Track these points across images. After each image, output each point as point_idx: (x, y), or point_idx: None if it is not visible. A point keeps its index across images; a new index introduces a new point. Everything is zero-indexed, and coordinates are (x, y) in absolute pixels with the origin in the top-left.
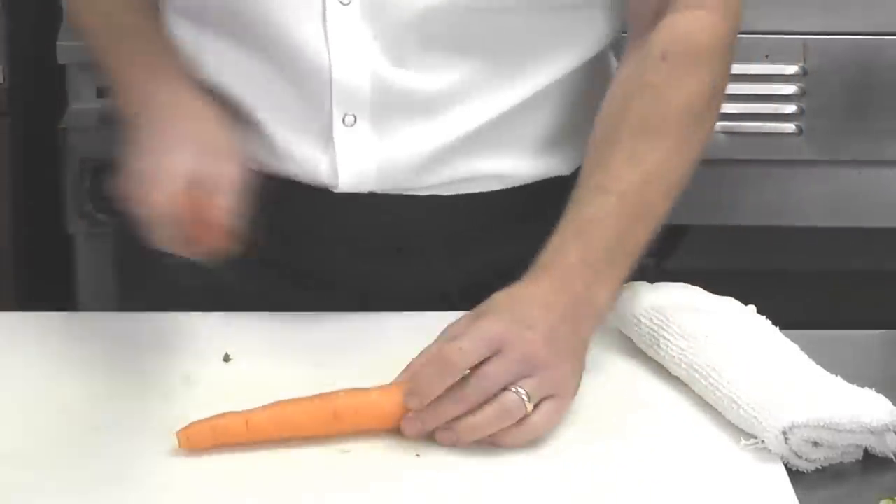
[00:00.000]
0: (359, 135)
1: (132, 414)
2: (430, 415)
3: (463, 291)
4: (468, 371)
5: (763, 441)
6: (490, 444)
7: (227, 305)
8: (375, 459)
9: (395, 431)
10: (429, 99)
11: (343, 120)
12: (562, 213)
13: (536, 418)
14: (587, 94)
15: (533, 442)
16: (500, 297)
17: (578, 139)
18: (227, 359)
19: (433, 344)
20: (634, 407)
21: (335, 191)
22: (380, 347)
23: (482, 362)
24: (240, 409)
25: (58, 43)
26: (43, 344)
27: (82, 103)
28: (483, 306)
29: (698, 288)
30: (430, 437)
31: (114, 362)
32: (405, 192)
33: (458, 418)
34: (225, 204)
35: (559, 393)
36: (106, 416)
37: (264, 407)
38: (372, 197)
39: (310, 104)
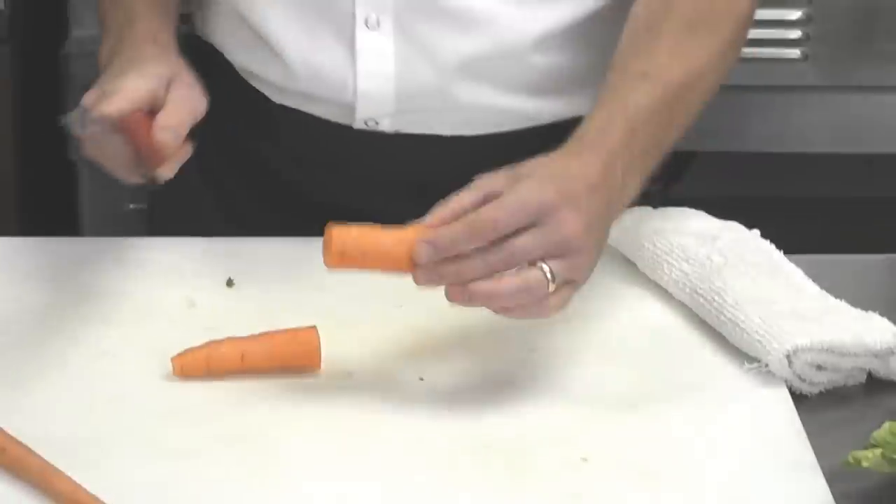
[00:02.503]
0: (381, 37)
1: (135, 338)
2: (448, 271)
3: None
4: None
5: (767, 364)
6: (498, 313)
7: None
8: (378, 382)
9: (398, 354)
10: (455, 10)
11: (366, 22)
12: None
13: (553, 301)
14: (619, 34)
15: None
16: (545, 165)
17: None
18: (230, 283)
19: (464, 193)
20: (638, 331)
21: (353, 104)
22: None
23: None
24: (243, 335)
25: None
26: (47, 268)
27: (84, 30)
28: (524, 168)
29: (702, 212)
30: (433, 360)
31: (117, 287)
32: (428, 133)
33: (475, 279)
34: (169, 125)
35: (579, 280)
36: (109, 340)
37: (259, 337)
38: (396, 137)
39: (333, 4)
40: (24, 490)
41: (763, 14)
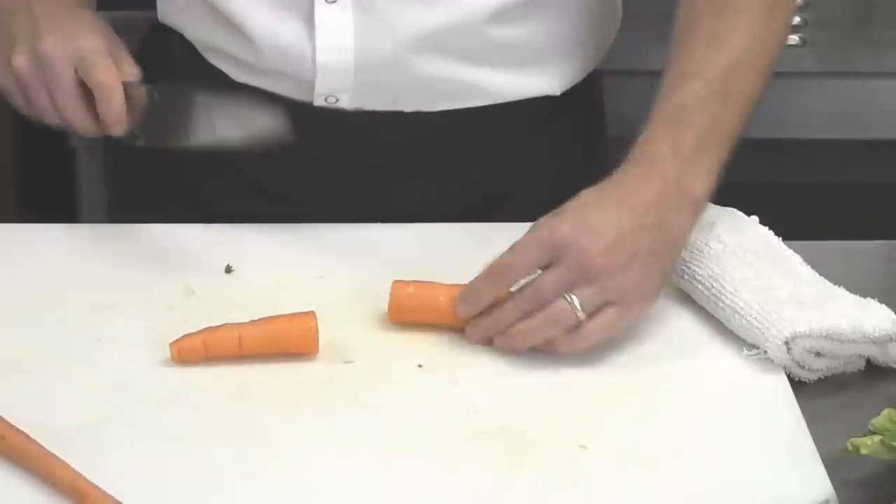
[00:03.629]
0: (340, 11)
1: (134, 325)
2: (488, 321)
3: (447, 211)
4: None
5: (765, 351)
6: (548, 352)
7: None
8: (377, 369)
9: (397, 341)
10: None
11: None
12: (551, 135)
13: (591, 326)
14: (580, 12)
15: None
16: (582, 196)
17: (569, 58)
18: (228, 270)
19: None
20: None
21: (313, 78)
22: (382, 258)
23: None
24: (243, 321)
25: None
26: (45, 255)
27: None
28: (569, 202)
29: None
30: (431, 347)
31: (116, 273)
32: (388, 109)
33: (513, 324)
34: (126, 75)
35: (623, 299)
36: (108, 327)
37: (257, 321)
38: (356, 115)
39: None
40: (24, 477)
41: None
